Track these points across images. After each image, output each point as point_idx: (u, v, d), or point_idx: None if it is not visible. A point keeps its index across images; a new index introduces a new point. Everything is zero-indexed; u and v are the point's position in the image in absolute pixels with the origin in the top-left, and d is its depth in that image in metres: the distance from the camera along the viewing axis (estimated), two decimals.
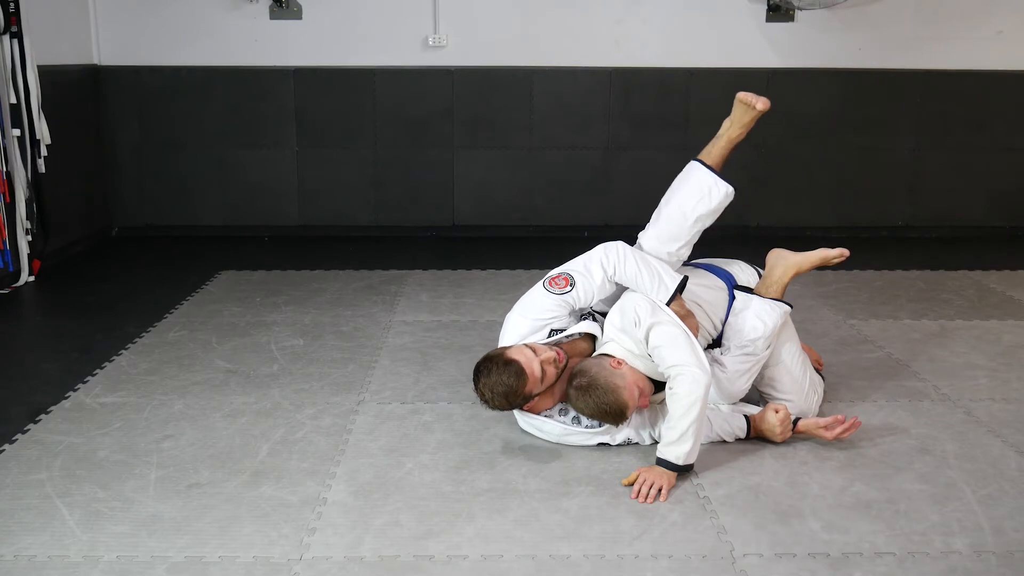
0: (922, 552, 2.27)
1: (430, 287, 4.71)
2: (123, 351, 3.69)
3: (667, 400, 2.63)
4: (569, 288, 2.81)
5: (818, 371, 3.25)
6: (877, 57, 5.83)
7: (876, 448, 2.84)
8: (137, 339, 3.84)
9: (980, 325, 4.09)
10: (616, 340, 2.77)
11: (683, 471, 2.59)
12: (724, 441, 2.83)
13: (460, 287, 4.71)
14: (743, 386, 2.91)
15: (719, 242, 6.10)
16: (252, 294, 4.55)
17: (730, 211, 3.20)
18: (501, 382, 2.61)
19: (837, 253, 3.06)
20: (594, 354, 2.83)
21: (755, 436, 2.83)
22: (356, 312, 4.26)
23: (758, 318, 2.93)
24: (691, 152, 6.10)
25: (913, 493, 2.56)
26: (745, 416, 2.84)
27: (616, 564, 2.21)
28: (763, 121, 6.24)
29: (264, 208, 5.95)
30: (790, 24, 5.77)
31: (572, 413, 2.79)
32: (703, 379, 2.58)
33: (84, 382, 3.35)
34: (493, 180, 5.94)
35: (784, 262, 3.09)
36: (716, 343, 3.01)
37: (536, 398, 2.72)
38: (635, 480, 2.56)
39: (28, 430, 2.93)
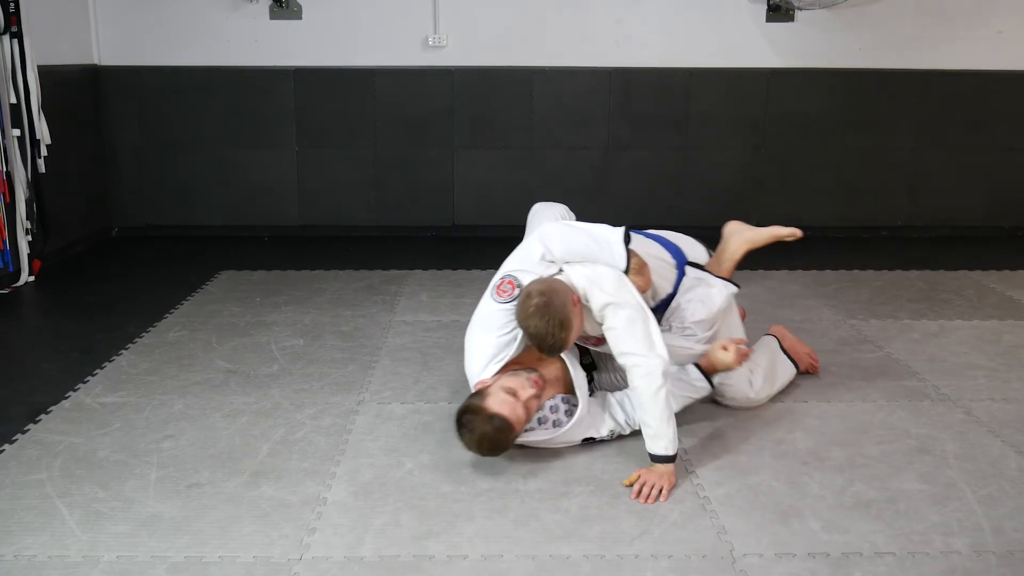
0: (922, 552, 2.27)
1: (430, 287, 4.71)
2: (123, 351, 3.69)
3: (632, 395, 2.65)
4: (517, 291, 2.74)
5: (811, 372, 3.26)
6: (877, 57, 5.83)
7: (876, 448, 2.84)
8: (137, 339, 3.84)
9: (980, 325, 4.09)
10: (571, 278, 2.73)
11: (674, 459, 2.59)
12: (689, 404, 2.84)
13: (460, 287, 4.71)
14: (697, 351, 2.94)
15: (720, 242, 6.10)
16: (252, 294, 4.55)
17: (730, 211, 3.22)
18: (487, 438, 2.57)
19: (788, 232, 3.14)
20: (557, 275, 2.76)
21: (709, 371, 2.81)
22: (356, 312, 4.26)
23: (703, 301, 2.95)
24: (691, 152, 6.13)
25: (913, 493, 2.56)
26: (696, 365, 2.83)
27: (616, 564, 2.21)
28: (763, 121, 6.27)
29: (264, 208, 5.95)
30: (790, 24, 5.77)
31: (551, 419, 2.77)
32: (658, 367, 2.58)
33: (84, 382, 3.35)
34: (493, 180, 5.94)
35: (738, 237, 3.15)
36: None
37: None
38: (635, 481, 2.56)
39: (28, 430, 2.93)
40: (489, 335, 2.76)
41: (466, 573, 2.18)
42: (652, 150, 5.92)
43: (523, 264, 2.80)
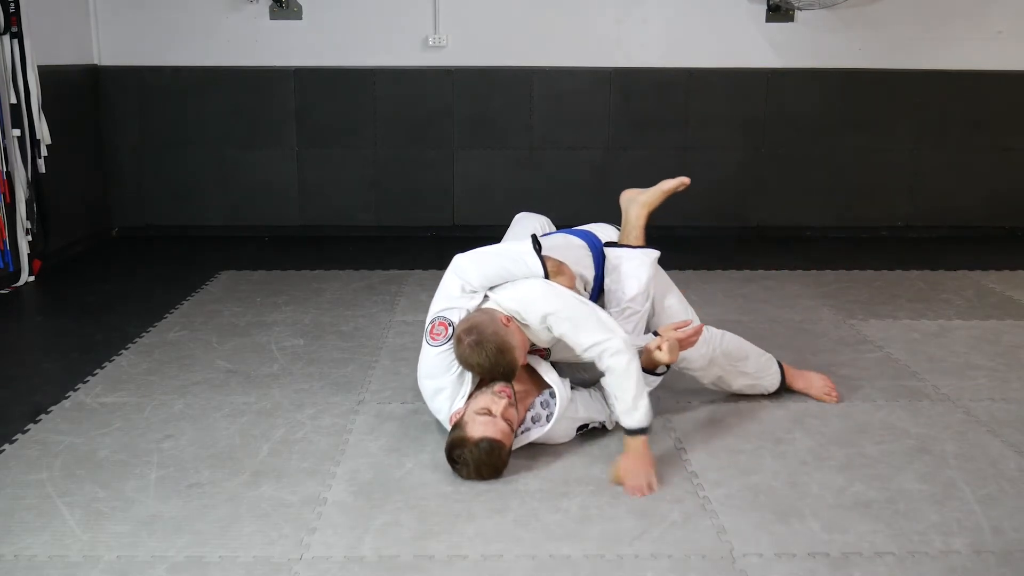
0: (922, 552, 2.27)
1: (430, 287, 4.63)
2: (123, 351, 3.69)
3: (606, 380, 2.67)
4: (451, 332, 2.73)
5: (826, 400, 3.18)
6: (877, 57, 5.83)
7: (876, 448, 2.84)
8: (137, 339, 3.84)
9: (980, 325, 4.09)
10: (500, 303, 2.74)
11: (648, 431, 2.63)
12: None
13: None
14: (638, 345, 2.92)
15: (719, 242, 6.11)
16: (252, 294, 4.55)
17: (730, 211, 3.22)
18: (483, 463, 2.57)
19: (677, 182, 3.18)
20: (483, 306, 2.77)
21: (650, 368, 2.81)
22: (356, 312, 4.26)
23: (631, 276, 2.98)
24: (691, 152, 6.12)
25: (913, 493, 2.56)
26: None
27: (616, 564, 2.21)
28: (763, 121, 6.27)
29: (264, 208, 5.95)
30: (790, 24, 5.77)
31: (544, 414, 2.78)
32: (620, 344, 2.62)
33: (84, 382, 3.35)
34: (493, 180, 5.94)
35: (635, 204, 3.18)
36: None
37: None
38: (619, 479, 2.59)
39: (28, 430, 2.93)
40: (440, 379, 2.76)
41: (466, 573, 2.18)
42: (652, 150, 5.92)
43: (448, 302, 2.80)
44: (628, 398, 2.62)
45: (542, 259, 2.80)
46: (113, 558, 2.22)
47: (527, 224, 3.39)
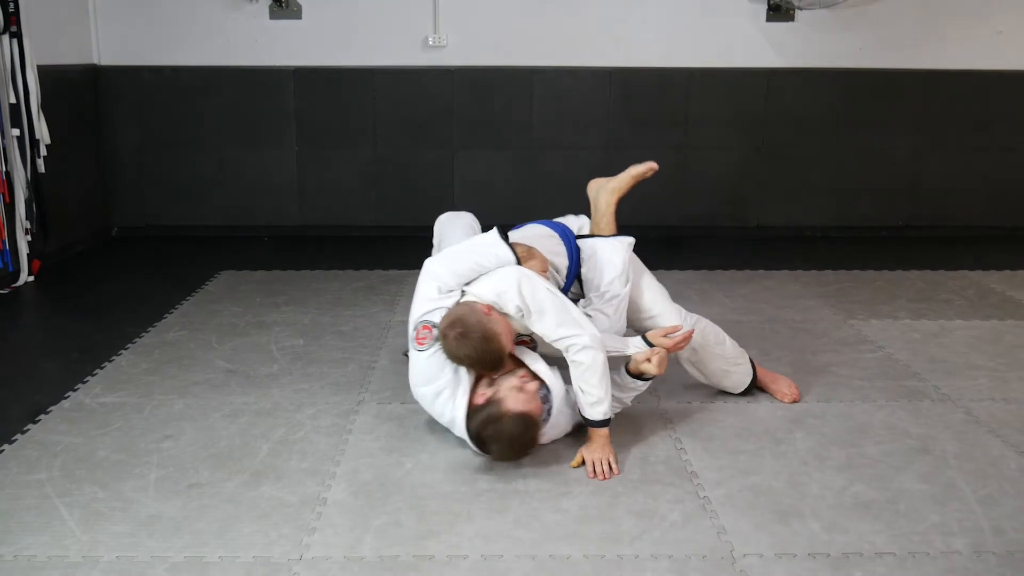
0: (922, 552, 2.27)
1: None
2: (123, 351, 3.69)
3: (572, 372, 2.70)
4: (436, 331, 2.72)
5: (786, 400, 3.20)
6: (877, 57, 5.83)
7: (876, 448, 2.84)
8: (137, 339, 3.84)
9: (980, 325, 4.09)
10: (478, 295, 2.75)
11: (609, 423, 2.71)
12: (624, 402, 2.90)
13: None
14: (620, 329, 2.98)
15: (719, 242, 6.11)
16: (252, 294, 4.55)
17: (730, 211, 3.22)
18: (517, 439, 2.57)
19: (645, 167, 3.25)
20: (462, 299, 2.78)
21: (637, 375, 2.84)
22: (356, 312, 4.26)
23: (608, 262, 3.00)
24: (691, 151, 6.11)
25: (913, 493, 2.56)
26: (626, 368, 2.88)
27: (616, 564, 2.21)
28: (763, 121, 6.25)
29: (264, 208, 5.95)
30: (790, 24, 5.77)
31: (544, 408, 2.75)
32: (590, 340, 2.66)
33: (84, 382, 3.35)
34: (493, 180, 5.94)
35: (604, 191, 3.25)
36: (565, 291, 3.03)
37: None
38: (581, 463, 2.67)
39: (28, 430, 2.93)
40: (436, 382, 2.75)
41: (466, 573, 2.18)
42: (652, 150, 5.89)
43: (428, 305, 2.80)
44: (595, 391, 2.67)
45: (511, 247, 2.81)
46: (113, 558, 2.22)
47: (455, 228, 3.39)
